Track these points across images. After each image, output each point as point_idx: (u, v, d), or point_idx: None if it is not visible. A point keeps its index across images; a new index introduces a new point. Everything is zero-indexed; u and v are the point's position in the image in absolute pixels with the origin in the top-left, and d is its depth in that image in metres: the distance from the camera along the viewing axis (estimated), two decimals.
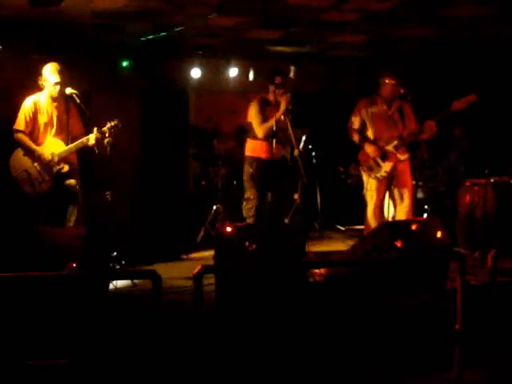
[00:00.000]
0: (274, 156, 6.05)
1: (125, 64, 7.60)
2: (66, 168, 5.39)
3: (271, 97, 6.04)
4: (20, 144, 5.35)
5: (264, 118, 5.97)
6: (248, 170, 6.14)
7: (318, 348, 3.61)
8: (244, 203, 6.20)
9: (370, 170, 5.81)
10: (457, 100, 5.41)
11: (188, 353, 3.25)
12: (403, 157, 5.77)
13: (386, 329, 3.86)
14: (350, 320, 4.04)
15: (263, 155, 6.04)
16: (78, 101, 5.26)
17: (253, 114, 6.05)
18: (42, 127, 5.36)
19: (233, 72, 8.10)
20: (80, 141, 5.32)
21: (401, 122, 5.77)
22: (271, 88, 6.01)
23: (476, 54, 7.89)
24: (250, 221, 6.11)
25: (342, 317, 4.11)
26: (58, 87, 5.29)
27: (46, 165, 5.32)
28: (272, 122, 5.88)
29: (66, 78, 5.33)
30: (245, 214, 6.18)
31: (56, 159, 5.32)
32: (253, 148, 6.15)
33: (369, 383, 3.27)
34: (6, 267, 3.19)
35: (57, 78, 5.27)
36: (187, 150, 8.06)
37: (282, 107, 5.87)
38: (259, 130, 5.99)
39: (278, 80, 5.96)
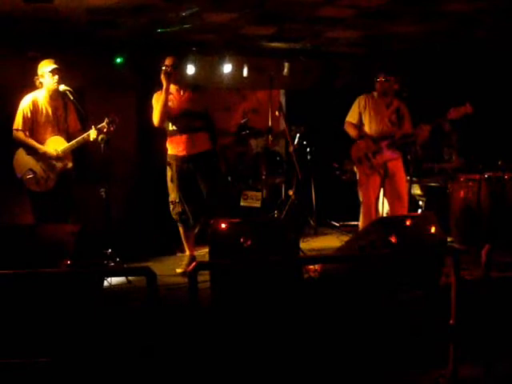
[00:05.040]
0: (191, 151, 5.58)
1: (119, 60, 7.57)
2: (70, 165, 5.41)
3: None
4: (21, 144, 5.29)
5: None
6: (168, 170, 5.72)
7: (313, 344, 3.62)
8: (171, 207, 5.73)
9: (360, 163, 5.85)
10: (454, 108, 5.45)
11: (183, 350, 3.26)
12: (394, 156, 5.80)
13: (380, 324, 3.87)
14: (344, 316, 4.05)
15: (180, 152, 5.61)
16: (72, 97, 5.27)
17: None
18: (41, 125, 5.33)
19: (227, 68, 8.09)
20: (81, 137, 5.34)
21: (397, 122, 5.80)
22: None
23: (471, 51, 7.91)
24: (180, 225, 5.71)
25: (337, 313, 4.12)
26: (57, 76, 5.25)
27: (51, 162, 5.31)
28: (161, 105, 5.39)
29: (62, 72, 5.31)
30: (174, 217, 5.72)
31: (61, 155, 5.31)
32: (169, 145, 5.73)
33: (362, 379, 3.27)
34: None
35: (54, 65, 5.24)
36: None
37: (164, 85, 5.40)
38: (155, 118, 5.54)
39: (166, 61, 5.47)
